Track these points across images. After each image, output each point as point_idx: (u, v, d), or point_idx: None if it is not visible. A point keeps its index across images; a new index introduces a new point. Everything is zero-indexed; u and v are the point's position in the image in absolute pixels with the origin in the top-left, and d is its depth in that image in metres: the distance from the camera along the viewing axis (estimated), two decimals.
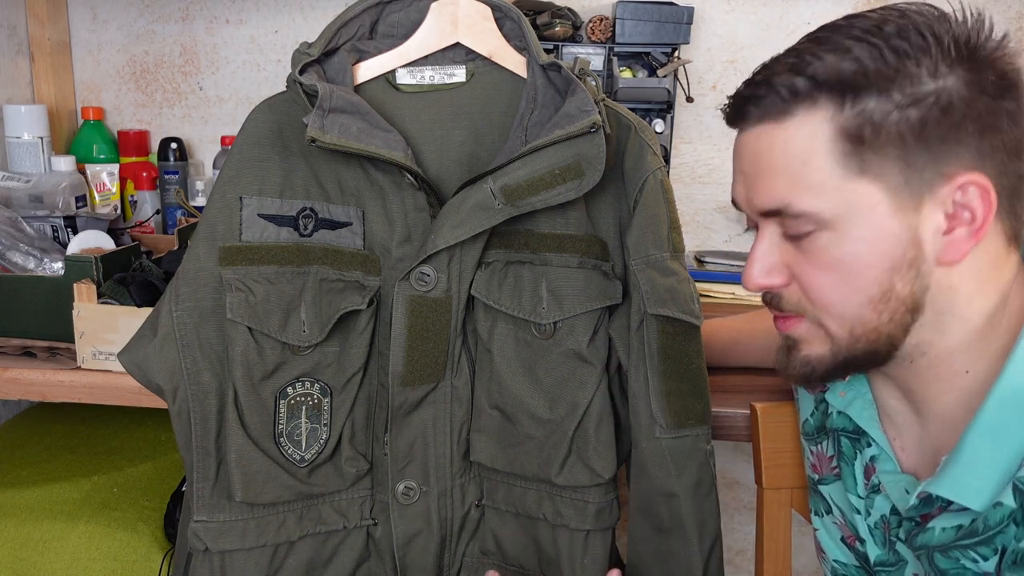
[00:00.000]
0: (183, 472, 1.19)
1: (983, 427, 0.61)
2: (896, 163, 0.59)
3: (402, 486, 0.88)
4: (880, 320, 0.63)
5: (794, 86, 0.61)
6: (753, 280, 0.67)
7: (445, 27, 0.87)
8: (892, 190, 0.60)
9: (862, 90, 0.59)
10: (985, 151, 0.60)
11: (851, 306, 0.63)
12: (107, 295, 1.00)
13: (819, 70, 0.60)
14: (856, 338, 0.65)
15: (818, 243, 0.63)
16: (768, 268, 0.67)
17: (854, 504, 0.77)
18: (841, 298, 0.64)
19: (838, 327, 0.65)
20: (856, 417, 0.75)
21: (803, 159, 0.61)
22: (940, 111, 0.59)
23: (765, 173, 0.64)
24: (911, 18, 0.60)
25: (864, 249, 0.61)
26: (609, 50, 1.37)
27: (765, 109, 0.63)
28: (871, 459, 0.74)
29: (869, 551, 0.76)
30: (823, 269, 0.64)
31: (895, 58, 0.59)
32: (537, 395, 0.86)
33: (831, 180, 0.61)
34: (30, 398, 1.03)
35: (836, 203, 0.61)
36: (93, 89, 1.58)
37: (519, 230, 0.86)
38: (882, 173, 0.60)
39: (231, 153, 0.87)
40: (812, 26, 1.45)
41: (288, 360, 0.85)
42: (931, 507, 0.66)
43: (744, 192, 0.67)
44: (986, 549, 0.61)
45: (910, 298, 0.62)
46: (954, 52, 0.59)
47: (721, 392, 0.95)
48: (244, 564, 0.86)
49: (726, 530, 1.70)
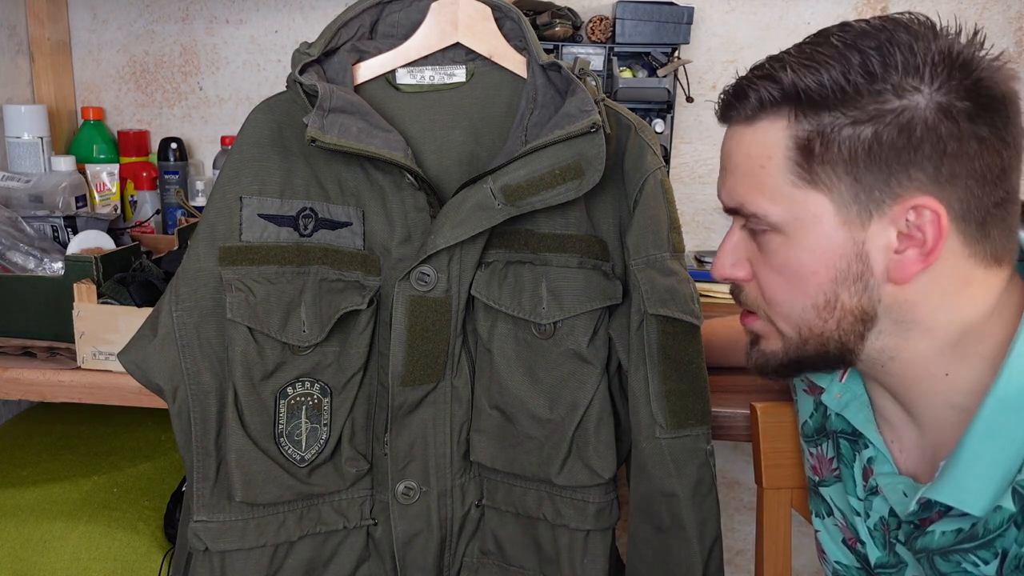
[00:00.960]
0: (183, 472, 1.19)
1: (981, 431, 0.60)
2: (845, 178, 0.61)
3: (402, 486, 0.88)
4: (826, 326, 0.65)
5: (760, 94, 0.63)
6: (720, 270, 0.71)
7: (445, 27, 0.87)
8: (840, 204, 0.61)
9: (818, 104, 0.60)
10: (944, 176, 0.59)
11: (796, 309, 0.66)
12: (107, 295, 1.00)
13: (785, 81, 0.62)
14: (804, 339, 0.67)
15: (771, 244, 0.65)
16: (734, 261, 0.70)
17: (854, 506, 0.77)
18: (787, 299, 0.66)
19: (786, 326, 0.68)
20: (852, 419, 0.75)
21: (761, 163, 0.64)
22: (897, 130, 0.58)
23: (732, 171, 0.67)
24: (896, 33, 0.60)
25: (809, 257, 0.63)
26: (609, 50, 1.37)
27: (739, 111, 0.66)
28: (868, 461, 0.74)
29: (869, 553, 0.76)
30: (774, 270, 0.66)
31: (861, 75, 0.59)
32: (537, 395, 0.86)
33: (783, 187, 0.63)
34: (30, 398, 1.03)
35: (786, 209, 0.63)
36: (93, 89, 1.58)
37: (519, 230, 0.86)
38: (831, 186, 0.61)
39: (231, 153, 0.87)
40: (812, 26, 1.46)
41: (288, 360, 0.85)
42: (930, 511, 0.66)
43: (720, 185, 0.70)
44: (986, 553, 0.61)
45: (858, 309, 0.64)
46: (928, 72, 0.58)
47: (721, 392, 0.95)
48: (244, 564, 0.86)
49: (726, 530, 1.70)
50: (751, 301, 0.71)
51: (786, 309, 0.67)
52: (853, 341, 0.65)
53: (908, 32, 0.60)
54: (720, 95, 0.69)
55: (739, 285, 0.71)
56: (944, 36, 0.60)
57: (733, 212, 0.68)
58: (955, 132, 0.58)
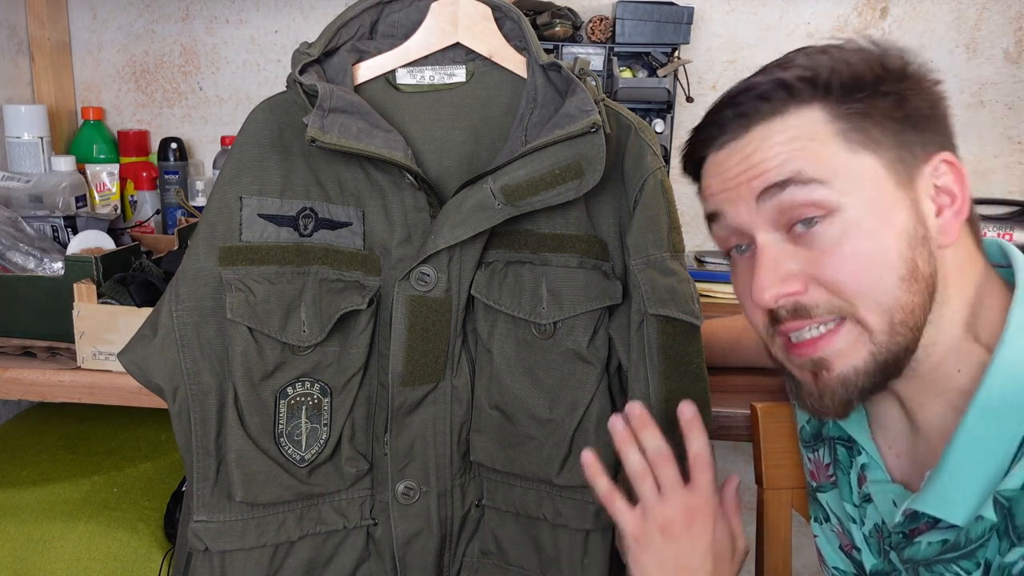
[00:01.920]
0: (183, 472, 1.19)
1: (965, 440, 0.60)
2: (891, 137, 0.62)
3: (402, 486, 0.88)
4: (915, 301, 0.60)
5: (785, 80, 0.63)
6: (769, 291, 0.62)
7: (445, 27, 0.87)
8: (889, 164, 0.62)
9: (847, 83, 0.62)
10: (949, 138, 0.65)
11: (888, 287, 0.60)
12: (107, 295, 1.00)
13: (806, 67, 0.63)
14: (895, 329, 0.61)
15: (831, 231, 0.61)
16: (784, 276, 0.62)
17: (850, 513, 0.76)
18: (875, 280, 0.60)
19: (878, 317, 0.61)
20: (845, 425, 0.74)
21: (809, 135, 0.62)
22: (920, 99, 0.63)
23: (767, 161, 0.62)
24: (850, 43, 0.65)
25: (880, 225, 0.60)
26: (609, 50, 1.37)
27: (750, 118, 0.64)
28: (862, 468, 0.74)
29: (865, 560, 0.75)
30: (844, 258, 0.60)
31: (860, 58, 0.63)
32: (537, 395, 0.86)
33: (838, 154, 0.61)
34: (30, 398, 1.03)
35: (846, 175, 0.61)
36: (93, 89, 1.58)
37: (519, 230, 0.86)
38: (880, 148, 0.62)
39: (231, 153, 0.87)
40: (811, 26, 1.46)
41: (288, 360, 0.85)
42: (917, 523, 0.66)
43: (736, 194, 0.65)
44: (968, 563, 0.60)
45: (930, 278, 0.61)
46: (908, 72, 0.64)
47: (721, 392, 0.95)
48: (244, 564, 0.86)
49: None
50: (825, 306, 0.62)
51: (876, 292, 0.60)
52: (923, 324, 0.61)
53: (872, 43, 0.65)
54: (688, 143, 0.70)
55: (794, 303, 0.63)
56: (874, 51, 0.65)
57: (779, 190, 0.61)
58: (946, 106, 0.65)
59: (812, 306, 0.62)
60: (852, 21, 1.45)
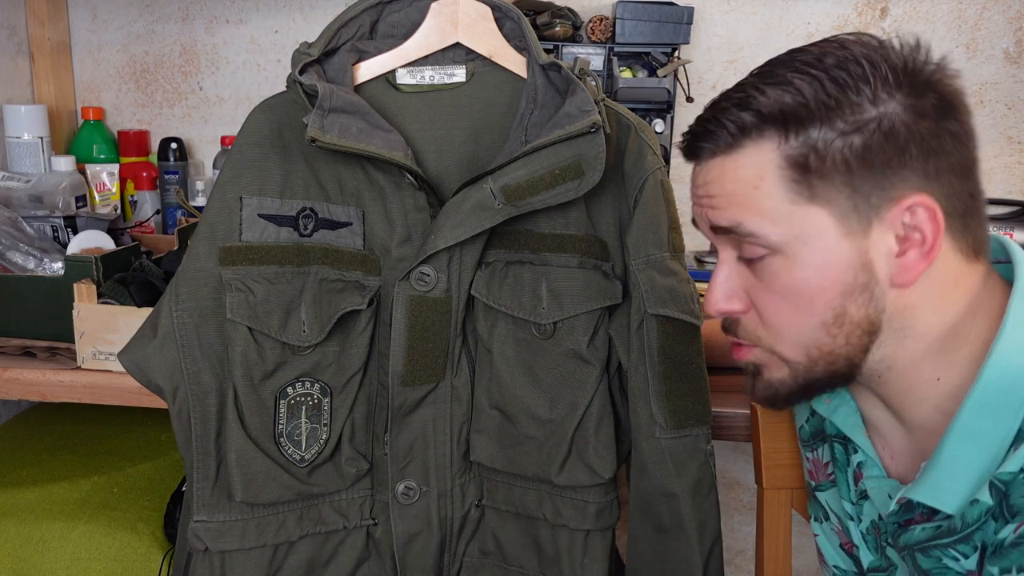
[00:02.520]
0: (183, 472, 1.19)
1: (960, 432, 0.61)
2: (843, 189, 0.61)
3: (402, 486, 0.88)
4: (836, 343, 0.64)
5: (741, 121, 0.63)
6: (714, 305, 0.69)
7: (445, 27, 0.87)
8: (840, 215, 0.61)
9: (804, 121, 0.61)
10: (931, 173, 0.61)
11: (805, 330, 0.64)
12: (107, 295, 1.00)
13: (763, 104, 0.62)
14: (813, 361, 0.65)
15: (771, 268, 0.64)
16: (728, 293, 0.68)
17: (848, 511, 0.77)
18: (795, 322, 0.65)
19: (793, 352, 0.66)
20: (840, 424, 0.75)
21: (753, 184, 0.63)
22: (883, 136, 0.60)
23: (719, 195, 0.66)
24: (850, 49, 0.62)
25: (815, 274, 0.62)
26: (609, 50, 1.37)
27: (716, 144, 0.65)
28: (858, 465, 0.74)
29: (862, 557, 0.76)
30: (777, 294, 0.65)
31: (835, 88, 0.60)
32: (537, 395, 0.86)
33: (781, 206, 0.62)
34: (30, 398, 1.03)
35: (786, 228, 0.62)
36: (93, 89, 1.58)
37: (519, 230, 0.86)
38: (830, 199, 0.61)
39: (231, 153, 0.87)
40: (811, 26, 1.46)
41: (288, 360, 0.85)
42: (912, 513, 0.66)
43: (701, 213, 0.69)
44: (965, 547, 0.61)
45: (865, 321, 0.63)
46: (892, 78, 0.60)
47: (721, 392, 0.95)
48: (244, 564, 0.86)
49: (726, 530, 1.70)
50: (749, 333, 0.68)
51: (794, 333, 0.65)
52: (859, 356, 0.64)
53: (860, 46, 0.62)
54: (685, 134, 0.68)
55: (735, 318, 0.69)
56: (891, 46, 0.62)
57: (725, 233, 0.66)
58: (933, 130, 0.60)
59: (740, 328, 0.69)
60: (852, 21, 1.45)
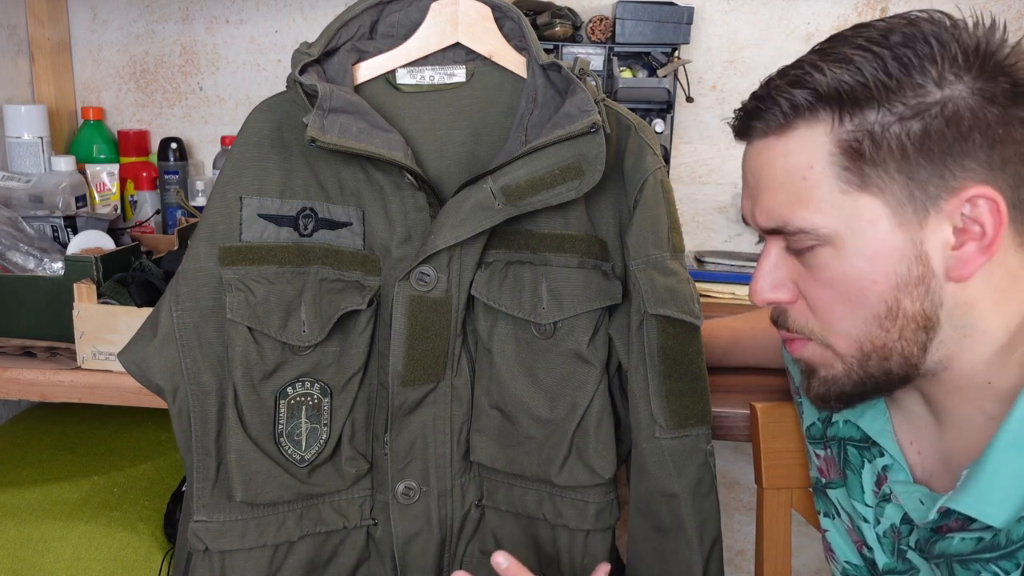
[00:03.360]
0: (183, 472, 1.19)
1: (1008, 440, 0.58)
2: (898, 177, 0.58)
3: (402, 486, 0.88)
4: (889, 337, 0.61)
5: (794, 99, 0.60)
6: (760, 295, 0.66)
7: (445, 27, 0.87)
8: (894, 205, 0.59)
9: (862, 102, 0.58)
10: (996, 163, 0.57)
11: (857, 322, 0.62)
12: (107, 295, 1.00)
13: (819, 83, 0.59)
14: (866, 355, 0.63)
15: (820, 258, 0.62)
16: (775, 283, 0.65)
17: (861, 512, 0.76)
18: (846, 314, 0.62)
19: (845, 346, 0.63)
20: (867, 428, 0.73)
21: (803, 174, 0.61)
22: (945, 122, 0.57)
23: (767, 188, 0.63)
24: (919, 26, 0.59)
25: (866, 265, 0.60)
26: (609, 50, 1.37)
27: (767, 123, 0.62)
28: (883, 469, 0.72)
29: (877, 558, 0.74)
30: (826, 285, 0.62)
31: (898, 68, 0.57)
32: (537, 395, 0.86)
33: (831, 195, 0.60)
34: (30, 398, 1.03)
35: (835, 219, 0.60)
36: (93, 89, 1.58)
37: (519, 230, 0.86)
38: (884, 187, 0.58)
39: (231, 153, 0.87)
40: (811, 26, 1.46)
41: (288, 360, 0.85)
42: (948, 520, 0.64)
43: (750, 207, 0.66)
44: (1008, 563, 0.59)
45: (921, 315, 0.60)
46: (962, 60, 0.57)
47: (721, 392, 0.95)
48: (244, 564, 0.86)
49: (726, 530, 1.70)
50: (800, 325, 0.65)
51: (845, 324, 0.62)
52: (916, 354, 0.61)
53: (932, 23, 0.59)
54: (737, 110, 0.65)
55: (783, 309, 0.66)
56: (965, 26, 0.59)
57: (774, 233, 0.64)
58: (1001, 117, 0.57)
59: (789, 320, 0.67)
60: (852, 21, 1.45)
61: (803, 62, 0.61)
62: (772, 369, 1.00)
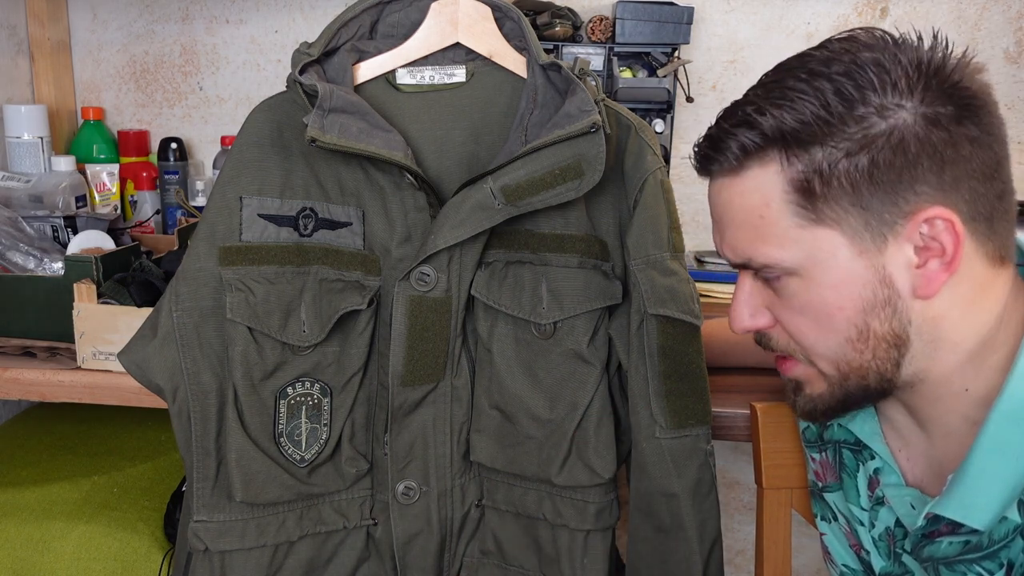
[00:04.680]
0: (183, 472, 1.19)
1: (988, 444, 0.60)
2: (852, 209, 0.59)
3: (402, 486, 0.88)
4: (863, 358, 0.63)
5: (742, 142, 0.62)
6: (740, 323, 0.68)
7: (445, 27, 0.87)
8: (852, 235, 0.60)
9: (806, 143, 0.59)
10: (947, 183, 0.58)
11: (831, 346, 0.64)
12: (107, 295, 1.00)
13: (765, 125, 0.60)
14: (845, 375, 0.65)
15: (789, 288, 0.64)
16: (752, 311, 0.68)
17: (857, 515, 0.76)
18: (819, 339, 0.65)
19: (826, 365, 0.66)
20: (858, 431, 0.74)
21: (760, 212, 0.62)
22: (892, 151, 0.58)
23: (729, 225, 0.65)
24: (859, 55, 0.59)
25: (832, 294, 0.62)
26: (609, 50, 1.37)
27: (721, 164, 0.64)
28: (875, 472, 0.73)
29: (873, 562, 0.75)
30: (797, 312, 0.65)
31: (839, 103, 0.58)
32: (537, 395, 0.86)
33: (790, 231, 0.61)
34: (30, 398, 1.03)
35: (796, 252, 0.62)
36: (93, 89, 1.58)
37: (519, 230, 0.86)
38: (839, 220, 0.60)
39: (231, 153, 0.87)
40: (811, 26, 1.46)
41: (288, 360, 0.85)
42: (937, 525, 0.65)
43: (719, 241, 0.69)
44: (991, 563, 0.60)
45: (891, 335, 0.62)
46: (904, 84, 0.58)
47: (721, 392, 0.95)
48: (244, 564, 0.86)
49: (726, 530, 1.70)
50: (783, 346, 0.68)
51: (820, 348, 0.65)
52: (890, 370, 0.63)
53: (871, 50, 0.59)
54: (695, 147, 0.67)
55: (765, 333, 0.69)
56: (908, 46, 0.59)
57: (741, 267, 0.67)
58: (947, 139, 0.58)
59: (772, 342, 0.69)
60: (852, 21, 1.44)
61: (747, 102, 0.63)
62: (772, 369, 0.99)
